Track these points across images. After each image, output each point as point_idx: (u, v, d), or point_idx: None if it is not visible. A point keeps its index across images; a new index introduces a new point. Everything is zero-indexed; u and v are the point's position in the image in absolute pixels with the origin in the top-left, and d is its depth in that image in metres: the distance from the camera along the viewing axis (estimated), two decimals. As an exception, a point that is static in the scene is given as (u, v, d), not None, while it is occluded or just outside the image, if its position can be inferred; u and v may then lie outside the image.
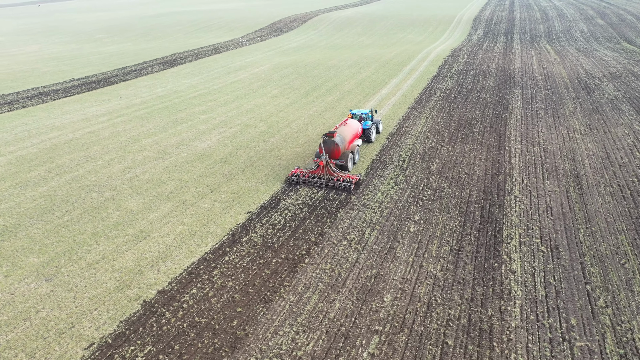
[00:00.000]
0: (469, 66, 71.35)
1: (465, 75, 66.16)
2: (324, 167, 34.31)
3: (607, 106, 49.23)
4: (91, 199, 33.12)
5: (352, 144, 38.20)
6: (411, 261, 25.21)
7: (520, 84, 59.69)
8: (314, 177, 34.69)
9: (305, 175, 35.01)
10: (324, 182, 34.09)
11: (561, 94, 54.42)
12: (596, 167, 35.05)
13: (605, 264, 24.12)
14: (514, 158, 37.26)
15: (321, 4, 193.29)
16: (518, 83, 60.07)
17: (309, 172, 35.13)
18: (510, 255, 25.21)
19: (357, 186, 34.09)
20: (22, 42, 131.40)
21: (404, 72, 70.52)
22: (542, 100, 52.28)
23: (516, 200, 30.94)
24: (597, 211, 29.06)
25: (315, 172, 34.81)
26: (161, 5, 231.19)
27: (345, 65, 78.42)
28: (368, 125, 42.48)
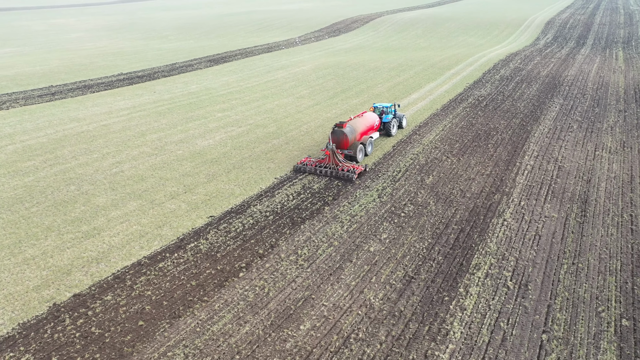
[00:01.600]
0: (517, 72, 65.79)
1: (508, 81, 60.95)
2: (330, 156, 34.74)
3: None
4: (67, 192, 32.97)
5: (364, 136, 38.25)
6: (353, 285, 22.47)
7: (566, 93, 53.88)
8: (321, 167, 34.94)
9: (312, 165, 35.41)
10: (329, 172, 34.29)
11: (607, 105, 48.33)
12: (612, 191, 30.13)
13: (577, 310, 20.13)
14: (521, 175, 33.00)
15: (390, 5, 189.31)
16: (563, 92, 54.28)
17: (316, 162, 35.64)
18: (468, 289, 21.78)
19: (360, 176, 34.31)
20: (98, 38, 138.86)
21: (445, 77, 66.27)
22: (581, 111, 46.65)
23: (503, 224, 27.09)
24: (593, 244, 24.66)
25: (322, 162, 35.28)
26: (236, 5, 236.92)
27: (388, 67, 75.19)
28: (388, 119, 42.09)
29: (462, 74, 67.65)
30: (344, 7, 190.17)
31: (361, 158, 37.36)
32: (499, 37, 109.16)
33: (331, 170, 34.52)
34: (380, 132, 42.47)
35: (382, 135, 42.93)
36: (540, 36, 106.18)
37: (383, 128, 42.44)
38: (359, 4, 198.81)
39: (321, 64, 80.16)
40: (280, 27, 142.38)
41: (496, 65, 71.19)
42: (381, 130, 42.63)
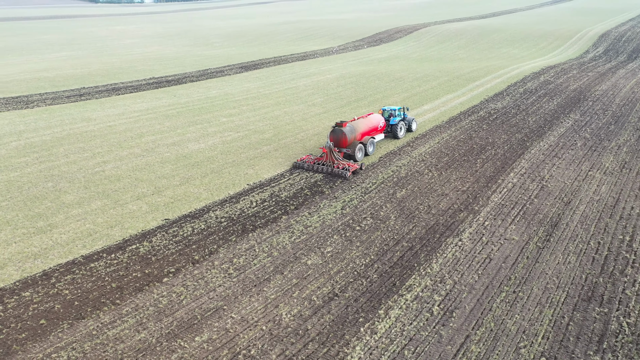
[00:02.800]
0: (544, 85, 62.19)
1: (530, 95, 57.70)
2: (327, 154, 35.80)
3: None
4: (42, 188, 33.84)
5: (366, 137, 39.01)
6: (272, 299, 21.48)
7: (586, 108, 50.21)
8: (318, 164, 36.08)
9: (311, 162, 36.65)
10: (325, 169, 35.34)
11: (626, 123, 44.51)
12: (588, 215, 27.39)
13: (496, 344, 18.18)
14: (497, 194, 30.74)
15: (440, 16, 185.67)
16: (584, 107, 50.63)
17: (315, 159, 36.84)
18: (389, 312, 20.29)
19: (355, 174, 35.25)
20: (149, 44, 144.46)
21: (467, 88, 63.67)
22: (594, 128, 43.19)
23: (457, 244, 25.20)
24: (544, 272, 22.38)
25: (321, 159, 36.40)
26: (287, 15, 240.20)
27: (413, 77, 73.28)
28: (395, 122, 42.70)
29: (487, 85, 64.78)
30: (392, 17, 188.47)
31: (360, 157, 38.07)
32: (545, 49, 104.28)
33: (327, 167, 35.41)
34: (387, 134, 43.37)
35: (389, 137, 43.55)
36: (590, 49, 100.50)
37: (390, 130, 43.02)
38: (408, 15, 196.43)
39: (347, 73, 79.28)
40: (323, 36, 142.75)
41: (526, 78, 67.70)
42: (388, 133, 43.33)
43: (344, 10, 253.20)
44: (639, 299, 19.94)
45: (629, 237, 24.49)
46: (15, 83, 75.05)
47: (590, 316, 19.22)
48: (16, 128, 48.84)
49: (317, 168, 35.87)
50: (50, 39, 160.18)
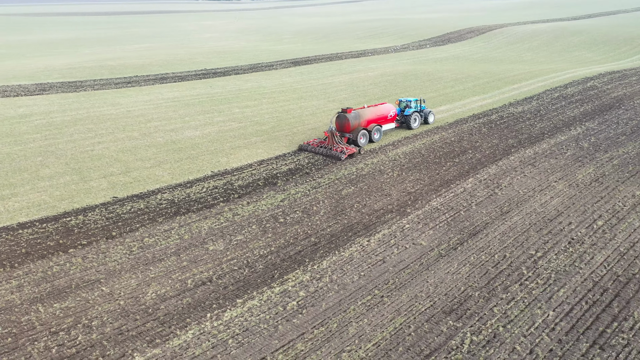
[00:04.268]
0: (584, 91, 57.24)
1: (561, 100, 53.45)
2: (329, 137, 37.76)
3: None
4: (30, 161, 37.08)
5: (372, 124, 40.39)
6: (151, 278, 22.28)
7: (611, 117, 45.57)
8: (321, 147, 38.04)
9: (314, 145, 38.77)
10: (324, 151, 37.28)
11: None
12: (515, 228, 25.15)
13: (324, 344, 17.63)
14: (440, 198, 29.15)
15: (528, 16, 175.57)
16: (609, 115, 45.98)
17: (319, 142, 39.02)
18: (247, 302, 20.27)
19: (351, 157, 37.01)
20: (224, 39, 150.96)
21: (501, 90, 60.24)
22: (600, 138, 39.14)
23: (362, 245, 24.44)
24: (425, 281, 21.09)
25: (324, 143, 38.59)
26: (366, 13, 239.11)
27: (452, 78, 70.53)
28: (409, 113, 43.57)
29: (524, 89, 60.85)
30: (473, 17, 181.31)
31: (363, 143, 39.27)
32: (624, 54, 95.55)
33: (326, 150, 37.25)
34: (400, 124, 44.28)
35: (403, 128, 44.45)
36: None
37: (404, 121, 43.92)
38: (493, 14, 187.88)
39: (389, 72, 77.96)
40: (392, 34, 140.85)
41: (572, 83, 62.63)
42: (402, 123, 44.20)
43: (433, 9, 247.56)
44: (502, 317, 18.21)
45: (541, 254, 22.26)
46: (80, 70, 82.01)
47: (437, 329, 17.89)
48: (49, 108, 53.56)
49: (319, 150, 37.77)
50: (139, 32, 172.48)
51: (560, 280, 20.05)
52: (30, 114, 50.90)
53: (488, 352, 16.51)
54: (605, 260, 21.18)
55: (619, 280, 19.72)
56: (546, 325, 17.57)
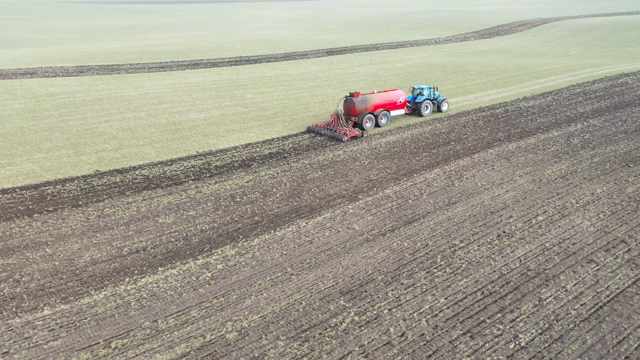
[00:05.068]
0: (610, 88, 54.36)
1: (579, 96, 51.11)
2: (335, 120, 39.38)
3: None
4: (37, 136, 40.12)
5: (379, 109, 41.56)
6: (83, 245, 24.00)
7: (620, 115, 43.13)
8: (327, 129, 39.56)
9: (321, 127, 40.36)
10: (328, 133, 38.95)
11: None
12: (451, 218, 24.85)
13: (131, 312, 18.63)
14: (397, 186, 29.18)
15: (586, 9, 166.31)
16: (620, 114, 43.48)
17: (326, 124, 40.61)
18: (157, 271, 21.55)
19: (354, 139, 38.49)
20: (271, 28, 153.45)
21: (523, 84, 58.30)
22: (595, 136, 37.23)
23: (297, 226, 25.11)
24: (317, 265, 21.52)
25: (330, 125, 40.07)
26: (418, 5, 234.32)
27: (478, 71, 68.82)
28: (420, 100, 44.46)
29: (548, 83, 58.55)
30: (535, 10, 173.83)
31: (369, 127, 40.68)
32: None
33: (331, 131, 38.83)
34: (412, 111, 45.34)
35: (414, 114, 45.39)
36: None
37: (415, 108, 44.80)
38: (557, 7, 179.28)
39: (419, 63, 77.04)
40: (439, 26, 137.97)
41: (603, 79, 59.55)
42: (413, 110, 45.15)
43: (496, 1, 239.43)
44: (393, 301, 18.35)
45: (464, 244, 22.01)
46: (122, 54, 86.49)
47: (325, 307, 18.34)
48: (77, 89, 57.21)
49: (324, 132, 39.31)
50: (194, 20, 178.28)
51: (469, 270, 19.87)
52: (57, 93, 54.59)
53: (362, 331, 16.83)
54: (524, 254, 20.71)
55: (527, 275, 19.30)
56: (430, 311, 17.62)
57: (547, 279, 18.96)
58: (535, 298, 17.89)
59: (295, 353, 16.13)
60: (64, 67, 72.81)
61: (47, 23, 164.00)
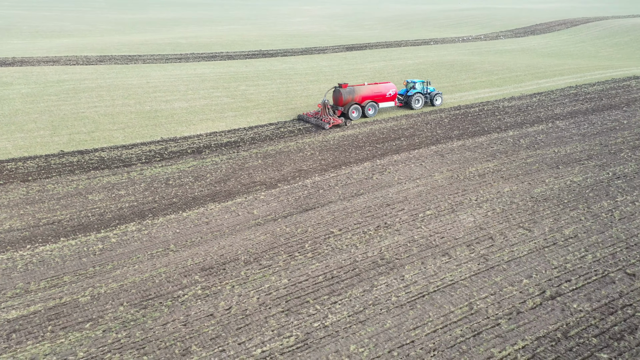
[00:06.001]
0: (606, 91, 52.31)
1: (565, 98, 49.61)
2: (322, 109, 41.20)
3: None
4: (26, 118, 43.56)
5: (367, 101, 42.98)
6: (9, 213, 26.53)
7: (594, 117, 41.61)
8: (314, 117, 41.36)
9: (310, 115, 42.25)
10: (313, 121, 40.99)
11: (598, 139, 36.42)
12: (347, 208, 25.59)
13: (82, 279, 20.53)
14: (312, 178, 30.11)
15: None
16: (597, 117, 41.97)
17: (314, 113, 42.36)
18: (59, 240, 23.73)
19: (337, 127, 40.34)
20: (310, 23, 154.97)
21: (519, 84, 57.08)
22: (551, 137, 36.29)
23: (204, 209, 26.66)
24: (160, 242, 22.89)
25: (317, 114, 41.78)
26: (469, 3, 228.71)
27: (484, 69, 67.70)
28: (411, 93, 45.59)
29: (546, 84, 57.06)
30: (580, 8, 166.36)
31: (355, 117, 42.47)
32: None
33: (317, 119, 40.65)
34: (404, 104, 46.37)
35: (404, 107, 46.67)
36: None
37: (406, 101, 46.01)
38: (607, 6, 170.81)
39: (430, 61, 76.57)
40: (475, 24, 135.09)
41: (608, 81, 57.31)
42: (405, 103, 46.19)
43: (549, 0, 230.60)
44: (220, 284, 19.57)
45: (339, 233, 22.77)
46: (148, 45, 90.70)
47: (159, 278, 19.81)
48: (86, 77, 61.03)
49: (311, 120, 41.27)
50: (237, 14, 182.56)
51: (327, 256, 20.68)
52: (66, 80, 58.50)
53: (195, 303, 18.13)
54: (388, 245, 21.25)
55: (377, 263, 19.90)
56: (267, 290, 18.66)
57: (392, 267, 19.54)
58: (369, 284, 18.56)
59: (127, 317, 17.64)
60: (87, 56, 77.34)
61: (100, 15, 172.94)
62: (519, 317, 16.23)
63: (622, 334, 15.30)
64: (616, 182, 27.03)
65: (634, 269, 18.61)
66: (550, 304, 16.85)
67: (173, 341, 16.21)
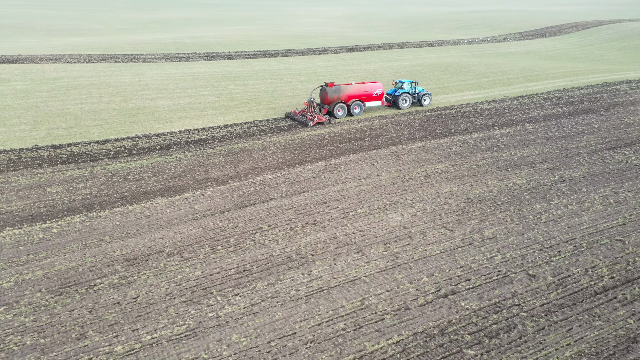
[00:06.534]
0: (591, 95, 51.68)
1: (545, 101, 49.22)
2: (308, 106, 42.67)
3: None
4: (11, 112, 45.19)
5: (353, 99, 44.08)
6: (-24, 204, 27.76)
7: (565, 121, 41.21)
8: (300, 115, 42.80)
9: (296, 113, 43.57)
10: (298, 118, 42.18)
11: (559, 143, 36.14)
12: (285, 204, 26.12)
13: None
14: (264, 176, 30.73)
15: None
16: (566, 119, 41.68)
17: (301, 111, 43.76)
18: (11, 229, 24.83)
19: (321, 124, 41.61)
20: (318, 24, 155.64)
21: (506, 87, 56.78)
22: (513, 140, 36.11)
23: (155, 202, 27.55)
24: (106, 227, 23.71)
25: (304, 112, 43.16)
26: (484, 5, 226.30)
27: (478, 72, 67.42)
28: (397, 93, 46.51)
29: (534, 87, 56.66)
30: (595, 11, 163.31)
31: (340, 115, 43.62)
32: None
33: (302, 117, 42.02)
34: (392, 104, 47.19)
35: (391, 107, 47.65)
36: None
37: (393, 101, 46.86)
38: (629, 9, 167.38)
39: (426, 63, 76.54)
40: (484, 26, 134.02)
41: (596, 85, 56.63)
42: (392, 103, 47.01)
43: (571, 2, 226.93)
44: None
45: (266, 228, 23.36)
46: (151, 45, 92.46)
47: (83, 261, 20.64)
48: (83, 74, 62.75)
49: (297, 117, 42.32)
50: (251, 15, 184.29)
51: (246, 251, 21.24)
52: (62, 77, 60.25)
53: (108, 292, 18.92)
54: (305, 243, 21.73)
55: (277, 261, 20.38)
56: (177, 281, 19.32)
57: (303, 263, 20.01)
58: (275, 278, 19.10)
59: (40, 302, 18.51)
60: (90, 54, 79.33)
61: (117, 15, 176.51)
62: (405, 314, 16.57)
63: (499, 332, 15.53)
64: (559, 186, 26.99)
65: (537, 270, 18.73)
66: (440, 301, 17.14)
67: (73, 326, 16.98)
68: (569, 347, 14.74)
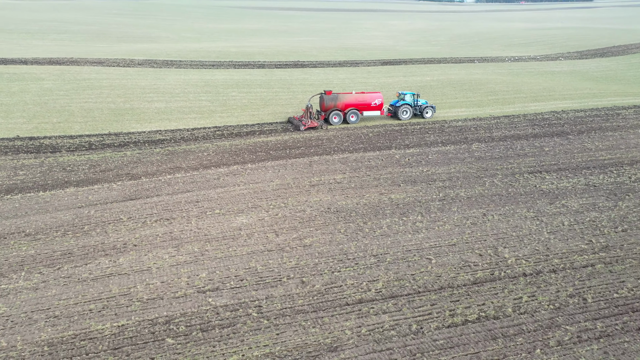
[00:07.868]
0: (586, 117, 48.67)
1: (525, 122, 47.15)
2: (305, 112, 45.39)
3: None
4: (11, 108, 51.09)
5: (350, 108, 45.99)
6: None
7: (519, 143, 39.70)
8: (298, 120, 45.29)
9: (296, 118, 46.12)
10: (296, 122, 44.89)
11: (524, 168, 34.76)
12: (164, 202, 27.97)
13: None
14: (205, 173, 32.86)
15: None
16: (522, 142, 40.06)
17: (300, 116, 46.13)
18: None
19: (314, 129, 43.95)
20: (379, 37, 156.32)
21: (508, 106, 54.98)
22: (441, 159, 35.52)
23: (89, 187, 30.67)
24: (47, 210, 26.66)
25: (302, 117, 45.58)
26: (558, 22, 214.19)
27: (489, 90, 65.53)
28: (398, 104, 47.82)
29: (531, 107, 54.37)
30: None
31: (336, 122, 45.77)
32: None
33: (298, 121, 44.59)
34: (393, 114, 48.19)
35: (391, 117, 48.82)
36: None
37: (394, 112, 47.96)
38: None
39: (445, 79, 75.52)
40: (544, 44, 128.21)
41: (605, 108, 53.34)
42: (393, 114, 48.06)
43: None
44: None
45: (113, 222, 25.38)
46: (197, 52, 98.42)
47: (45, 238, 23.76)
48: (110, 77, 68.68)
49: (294, 122, 45.25)
50: (316, 27, 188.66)
51: (76, 238, 23.38)
52: (89, 79, 66.43)
53: None
54: (133, 236, 23.39)
55: (95, 249, 22.22)
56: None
57: (116, 253, 21.77)
58: (83, 262, 21.00)
59: None
60: (133, 59, 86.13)
61: (188, 24, 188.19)
62: (154, 302, 17.78)
63: (221, 327, 16.33)
64: (432, 204, 26.62)
65: (311, 277, 19.13)
66: (195, 296, 18.15)
67: None
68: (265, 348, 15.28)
